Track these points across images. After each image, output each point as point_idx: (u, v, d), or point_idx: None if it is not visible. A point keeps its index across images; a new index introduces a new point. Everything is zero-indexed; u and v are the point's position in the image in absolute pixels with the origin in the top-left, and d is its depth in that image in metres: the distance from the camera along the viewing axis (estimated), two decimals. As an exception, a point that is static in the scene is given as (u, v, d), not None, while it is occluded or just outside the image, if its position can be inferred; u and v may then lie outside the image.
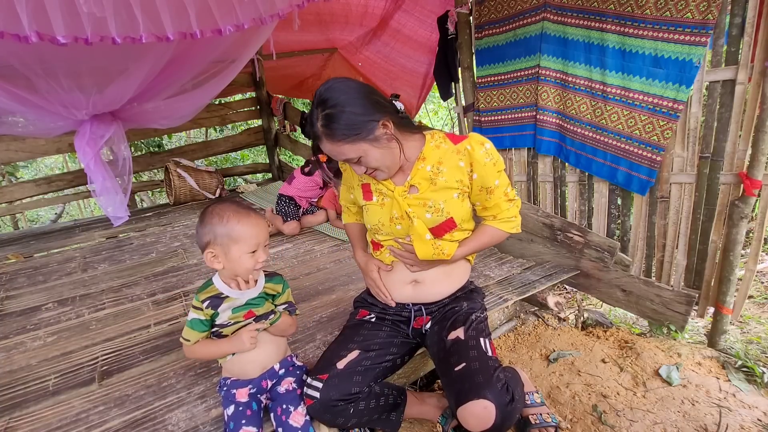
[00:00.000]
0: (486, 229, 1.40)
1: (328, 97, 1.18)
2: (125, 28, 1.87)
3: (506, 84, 2.45)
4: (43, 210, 7.86)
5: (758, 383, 1.65)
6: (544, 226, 2.29)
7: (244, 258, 1.20)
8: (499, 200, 1.34)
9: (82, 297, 2.34)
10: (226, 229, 1.18)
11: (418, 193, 1.32)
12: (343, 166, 1.47)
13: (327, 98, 1.18)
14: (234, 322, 1.27)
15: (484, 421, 1.13)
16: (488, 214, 1.38)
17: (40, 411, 1.44)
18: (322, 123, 1.20)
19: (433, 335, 1.42)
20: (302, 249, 2.79)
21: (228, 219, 1.19)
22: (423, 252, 1.33)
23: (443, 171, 1.30)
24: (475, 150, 1.27)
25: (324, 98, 1.19)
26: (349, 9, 3.82)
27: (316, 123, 1.21)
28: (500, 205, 1.35)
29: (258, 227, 1.22)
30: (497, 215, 1.37)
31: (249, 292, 1.26)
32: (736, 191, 1.82)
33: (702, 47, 1.74)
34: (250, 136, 4.97)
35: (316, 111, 1.21)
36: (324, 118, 1.19)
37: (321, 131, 1.21)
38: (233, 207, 1.22)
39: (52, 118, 2.82)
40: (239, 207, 1.23)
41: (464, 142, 1.29)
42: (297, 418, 1.26)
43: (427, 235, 1.32)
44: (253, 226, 1.21)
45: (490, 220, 1.39)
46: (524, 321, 2.19)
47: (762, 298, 2.67)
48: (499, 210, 1.36)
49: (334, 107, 1.17)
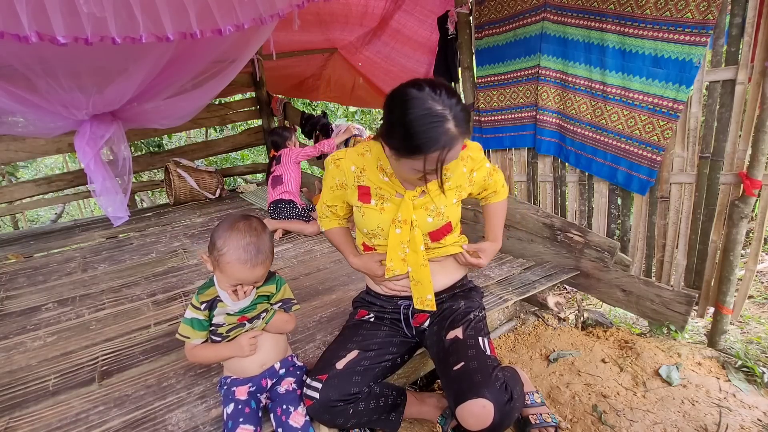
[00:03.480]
0: (495, 207, 1.53)
1: (449, 87, 1.10)
2: (125, 28, 1.87)
3: (506, 84, 2.45)
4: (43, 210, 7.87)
5: (758, 383, 1.64)
6: (544, 226, 2.29)
7: (226, 286, 1.21)
8: (494, 178, 1.48)
9: (82, 297, 2.34)
10: (221, 253, 1.16)
11: (424, 197, 1.34)
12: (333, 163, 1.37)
13: (449, 87, 1.10)
14: (229, 324, 1.28)
15: (482, 420, 1.13)
16: (489, 193, 1.51)
17: (40, 411, 1.44)
18: (456, 118, 1.07)
19: (432, 335, 1.42)
20: (302, 249, 2.79)
21: (227, 247, 1.15)
22: (419, 292, 1.40)
23: (449, 177, 1.34)
24: (475, 153, 1.38)
25: (451, 90, 1.09)
26: (349, 9, 3.82)
27: (448, 121, 1.07)
28: (495, 179, 1.49)
29: (248, 273, 1.17)
30: (495, 190, 1.50)
31: (241, 303, 1.26)
32: (736, 191, 1.81)
33: (702, 47, 1.74)
34: (250, 136, 4.98)
35: (446, 106, 1.07)
36: (458, 110, 1.08)
37: (457, 130, 1.08)
38: (242, 240, 1.15)
39: (52, 118, 2.82)
40: (248, 244, 1.15)
41: (465, 150, 1.37)
42: (297, 418, 1.26)
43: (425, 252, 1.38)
44: (244, 270, 1.16)
45: (492, 198, 1.52)
46: (524, 321, 2.19)
47: (762, 298, 2.67)
48: (495, 185, 1.49)
49: (458, 97, 1.11)
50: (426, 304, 1.40)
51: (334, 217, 1.51)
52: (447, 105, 1.07)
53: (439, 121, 1.06)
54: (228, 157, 7.23)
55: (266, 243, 1.20)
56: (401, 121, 1.09)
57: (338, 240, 1.53)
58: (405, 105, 1.08)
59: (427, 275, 1.37)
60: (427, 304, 1.40)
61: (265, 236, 1.21)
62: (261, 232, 1.20)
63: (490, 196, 1.52)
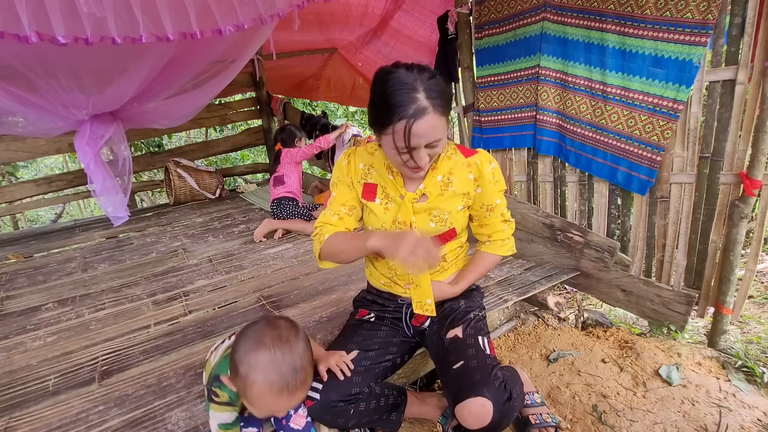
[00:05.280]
0: (483, 256, 1.43)
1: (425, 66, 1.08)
2: (125, 28, 1.87)
3: (506, 84, 2.45)
4: (43, 210, 7.87)
5: (758, 383, 1.64)
6: (544, 226, 2.29)
7: (256, 412, 1.01)
8: (496, 220, 1.37)
9: (82, 297, 2.34)
10: (247, 383, 0.94)
11: (426, 202, 1.32)
12: (346, 158, 1.35)
13: (425, 66, 1.07)
14: None
15: (481, 419, 1.13)
16: (483, 233, 1.41)
17: (40, 411, 1.44)
18: (428, 89, 1.05)
19: (432, 334, 1.42)
20: (302, 249, 2.78)
21: (254, 376, 0.93)
22: (419, 296, 1.38)
23: (453, 182, 1.32)
24: (483, 166, 1.31)
25: (422, 65, 1.07)
26: (349, 9, 3.82)
27: (417, 91, 1.05)
28: (496, 224, 1.38)
29: (285, 402, 0.96)
30: (492, 235, 1.40)
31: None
32: (736, 191, 1.81)
33: (702, 47, 1.74)
34: (250, 136, 4.98)
35: (416, 77, 1.06)
36: (432, 84, 1.06)
37: (428, 102, 1.05)
38: (273, 362, 0.92)
39: (52, 118, 2.83)
40: (281, 365, 0.92)
41: (475, 156, 1.32)
42: (298, 420, 1.25)
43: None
44: (279, 401, 0.95)
45: (484, 245, 1.43)
46: (524, 321, 2.19)
47: (762, 298, 2.67)
48: (494, 230, 1.39)
49: (435, 74, 1.08)
50: (425, 309, 1.38)
51: (340, 224, 1.34)
52: (417, 78, 1.07)
53: (406, 89, 1.06)
54: (228, 157, 7.23)
55: (302, 352, 0.96)
56: (373, 97, 1.12)
57: (342, 240, 1.29)
58: (377, 81, 1.11)
59: (427, 279, 1.36)
60: (426, 308, 1.38)
61: (299, 344, 0.98)
62: (293, 339, 0.96)
63: (483, 239, 1.40)
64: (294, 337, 0.97)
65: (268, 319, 1.00)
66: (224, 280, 2.39)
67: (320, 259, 1.36)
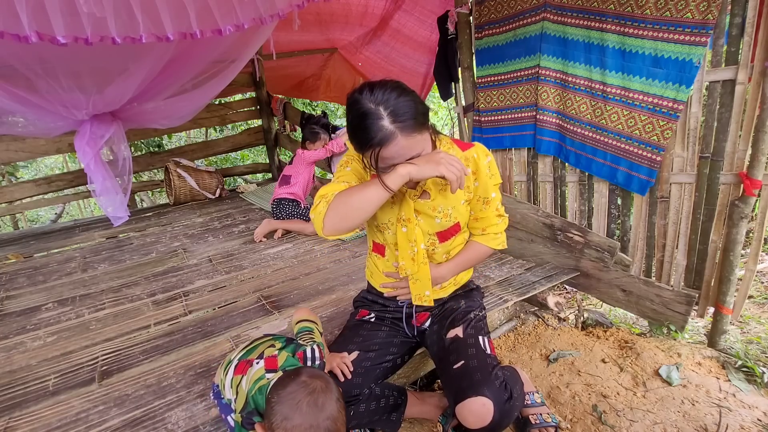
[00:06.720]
0: (474, 246, 1.43)
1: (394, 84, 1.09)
2: (125, 28, 1.87)
3: (506, 84, 2.45)
4: (43, 210, 7.87)
5: (758, 383, 1.64)
6: (544, 226, 2.29)
7: None
8: (491, 213, 1.38)
9: (82, 297, 2.34)
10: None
11: (429, 199, 1.32)
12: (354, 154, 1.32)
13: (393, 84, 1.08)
14: None
15: (482, 418, 1.13)
16: (478, 226, 1.41)
17: (40, 411, 1.44)
18: (394, 113, 1.05)
19: (433, 334, 1.42)
20: (302, 249, 2.79)
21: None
22: (418, 289, 1.39)
23: None
24: (480, 160, 1.31)
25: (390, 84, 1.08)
26: (349, 9, 3.82)
27: (382, 118, 1.05)
28: (491, 218, 1.39)
29: None
30: (486, 228, 1.40)
31: None
32: (736, 191, 1.81)
33: (702, 47, 1.74)
34: (250, 136, 4.98)
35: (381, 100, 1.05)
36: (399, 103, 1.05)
37: (394, 126, 1.05)
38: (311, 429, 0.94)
39: (52, 118, 2.82)
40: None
41: (471, 150, 1.32)
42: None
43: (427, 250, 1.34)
44: None
45: (478, 235, 1.43)
46: (524, 321, 2.19)
47: (762, 298, 2.67)
48: (488, 223, 1.39)
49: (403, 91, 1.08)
50: (424, 300, 1.40)
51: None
52: (382, 102, 1.06)
53: (370, 119, 1.06)
54: (228, 157, 7.23)
55: (335, 415, 0.99)
56: (347, 125, 1.15)
57: (354, 190, 1.17)
58: (347, 109, 1.14)
59: (426, 273, 1.37)
60: (425, 299, 1.40)
61: (332, 406, 0.99)
62: (328, 403, 0.98)
63: (476, 231, 1.41)
64: (329, 401, 1.00)
65: (305, 381, 1.01)
66: (224, 280, 2.39)
67: (324, 226, 1.19)
